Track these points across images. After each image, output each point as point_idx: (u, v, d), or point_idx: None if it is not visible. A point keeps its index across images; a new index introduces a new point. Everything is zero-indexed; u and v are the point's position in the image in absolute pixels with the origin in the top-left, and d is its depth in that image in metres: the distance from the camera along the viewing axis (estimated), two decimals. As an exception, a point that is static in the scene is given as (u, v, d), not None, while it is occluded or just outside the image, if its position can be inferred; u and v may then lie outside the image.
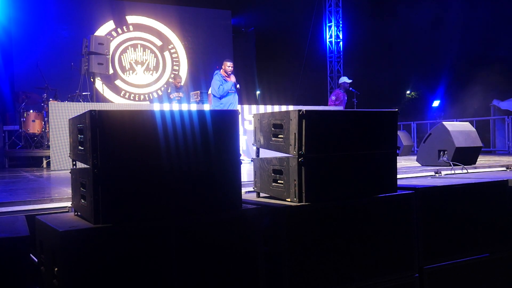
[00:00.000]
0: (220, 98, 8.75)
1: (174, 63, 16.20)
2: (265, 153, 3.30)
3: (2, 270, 2.21)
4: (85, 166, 2.56)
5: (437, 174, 5.70)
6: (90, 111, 2.41)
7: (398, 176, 3.79)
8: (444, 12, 14.06)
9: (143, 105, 12.38)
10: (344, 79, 11.64)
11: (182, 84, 11.70)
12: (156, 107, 9.91)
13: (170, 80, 15.65)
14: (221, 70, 8.89)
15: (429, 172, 5.79)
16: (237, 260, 2.71)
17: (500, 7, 13.02)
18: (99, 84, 11.13)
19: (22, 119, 10.00)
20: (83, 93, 10.38)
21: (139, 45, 15.69)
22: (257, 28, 18.27)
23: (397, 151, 3.42)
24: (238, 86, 8.90)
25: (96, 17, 14.94)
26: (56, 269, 2.35)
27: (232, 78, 8.79)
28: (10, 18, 13.59)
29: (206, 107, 10.09)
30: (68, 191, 3.90)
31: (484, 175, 5.06)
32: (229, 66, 8.84)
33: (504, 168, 6.44)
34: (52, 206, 3.52)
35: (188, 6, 16.29)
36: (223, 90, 8.70)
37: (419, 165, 6.74)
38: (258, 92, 18.81)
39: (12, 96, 12.87)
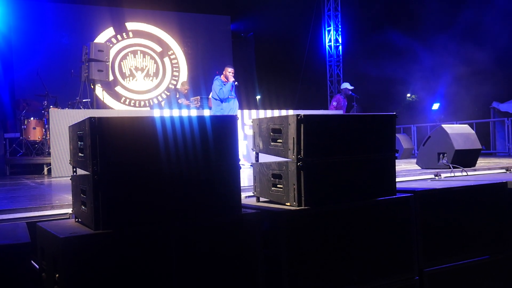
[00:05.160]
0: (222, 101, 8.87)
1: (174, 69, 16.23)
2: (265, 158, 3.32)
3: (4, 276, 2.23)
4: (86, 172, 2.58)
5: (436, 177, 5.71)
6: (90, 118, 2.43)
7: (398, 179, 3.80)
8: (444, 14, 14.09)
9: (143, 111, 12.41)
10: (346, 86, 11.72)
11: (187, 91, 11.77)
12: (156, 113, 9.93)
13: (171, 86, 15.70)
14: (222, 76, 9.00)
15: (428, 175, 5.80)
16: (236, 264, 2.73)
17: (498, 8, 13.07)
18: (99, 91, 11.15)
19: (22, 127, 10.02)
20: (84, 100, 10.41)
21: (139, 52, 15.72)
22: (256, 33, 18.30)
23: (396, 155, 3.44)
24: (236, 83, 9.01)
25: (95, 24, 14.98)
26: (57, 275, 2.36)
27: (230, 79, 8.90)
28: (10, 26, 13.64)
29: (206, 112, 10.11)
30: (68, 197, 3.92)
31: (483, 177, 5.07)
32: (229, 72, 8.94)
33: (503, 170, 6.45)
34: (53, 212, 3.54)
35: (188, 12, 16.34)
36: (224, 93, 8.82)
37: (419, 168, 6.75)
38: (258, 97, 18.83)
39: (13, 104, 12.89)
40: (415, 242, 3.39)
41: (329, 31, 16.86)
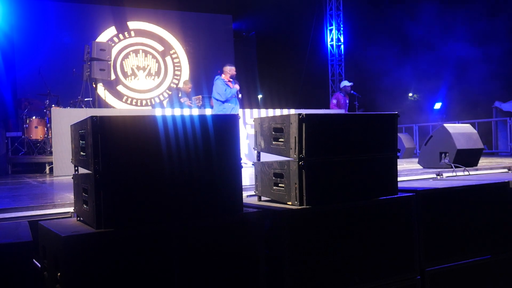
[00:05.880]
0: (224, 102, 8.72)
1: (176, 68, 16.24)
2: (267, 157, 3.32)
3: (6, 275, 2.23)
4: (87, 171, 2.58)
5: (438, 176, 5.70)
6: (92, 117, 2.43)
7: (400, 179, 3.80)
8: (445, 16, 14.07)
9: (145, 111, 12.41)
10: (345, 83, 11.74)
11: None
12: (158, 112, 9.93)
13: (172, 85, 15.71)
14: (222, 75, 8.87)
15: (430, 174, 5.79)
16: (238, 263, 2.73)
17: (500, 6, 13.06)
18: (101, 90, 11.17)
19: (24, 126, 10.03)
20: (85, 99, 10.42)
21: (140, 51, 15.73)
22: (258, 32, 18.31)
23: (398, 154, 3.43)
24: (240, 95, 8.87)
25: (97, 23, 15.00)
26: (59, 274, 2.36)
27: (236, 86, 8.79)
28: (12, 25, 13.65)
29: (208, 111, 10.11)
30: (70, 196, 3.92)
31: (485, 177, 5.06)
32: (230, 70, 8.82)
33: (505, 170, 6.43)
34: (54, 211, 3.54)
35: (189, 11, 16.35)
36: (230, 93, 8.66)
37: (421, 167, 6.74)
38: (260, 96, 18.84)
39: (15, 103, 12.91)
40: (416, 241, 3.39)
41: (331, 30, 16.86)
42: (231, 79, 8.82)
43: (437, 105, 16.22)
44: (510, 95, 13.17)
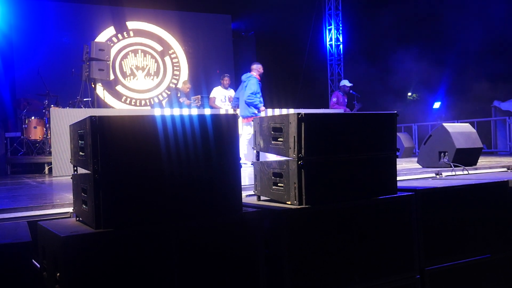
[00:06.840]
0: (249, 104, 8.46)
1: (175, 68, 16.23)
2: (266, 157, 3.32)
3: (5, 276, 2.23)
4: (86, 171, 2.58)
5: (437, 176, 5.70)
6: (91, 116, 2.43)
7: (399, 178, 3.80)
8: (445, 17, 14.08)
9: (144, 111, 12.40)
10: (345, 83, 11.76)
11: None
12: (157, 112, 9.92)
13: (172, 85, 15.70)
14: (252, 73, 8.69)
15: (429, 173, 5.79)
16: (238, 263, 2.73)
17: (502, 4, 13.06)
18: (100, 90, 11.14)
19: (23, 126, 10.02)
20: (84, 99, 10.40)
21: (139, 51, 15.72)
22: (257, 32, 18.29)
23: (397, 153, 3.43)
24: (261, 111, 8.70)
25: (96, 23, 14.98)
26: (58, 274, 2.36)
27: (262, 108, 8.67)
28: (11, 25, 13.63)
29: (207, 111, 10.10)
30: (69, 196, 3.92)
31: (484, 176, 5.06)
32: (258, 68, 8.69)
33: (505, 169, 6.43)
34: (54, 212, 3.53)
35: (188, 11, 16.33)
36: (255, 98, 8.39)
37: (420, 166, 6.74)
38: (259, 96, 18.82)
39: (14, 103, 12.89)
40: (416, 241, 3.39)
41: (330, 30, 16.85)
42: (260, 77, 8.73)
43: (436, 105, 16.24)
44: (509, 94, 13.18)
